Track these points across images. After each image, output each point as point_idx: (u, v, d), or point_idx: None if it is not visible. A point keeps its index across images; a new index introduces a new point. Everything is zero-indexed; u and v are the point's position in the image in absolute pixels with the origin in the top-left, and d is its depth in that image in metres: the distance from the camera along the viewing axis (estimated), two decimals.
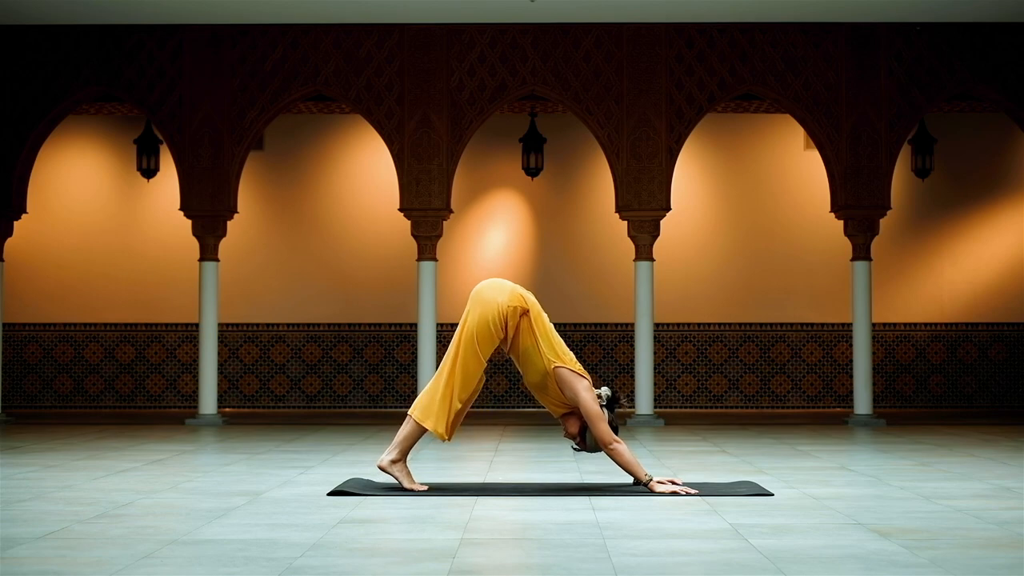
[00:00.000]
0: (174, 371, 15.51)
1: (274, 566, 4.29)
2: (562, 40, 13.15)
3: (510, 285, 6.55)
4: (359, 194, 15.60)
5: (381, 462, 6.55)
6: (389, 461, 6.53)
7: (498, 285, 6.55)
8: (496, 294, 6.48)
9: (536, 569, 4.30)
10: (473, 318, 6.46)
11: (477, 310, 6.46)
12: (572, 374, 6.49)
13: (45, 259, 15.58)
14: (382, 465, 6.54)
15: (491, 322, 6.42)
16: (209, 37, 13.22)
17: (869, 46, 13.10)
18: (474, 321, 6.45)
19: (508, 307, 6.44)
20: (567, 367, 6.49)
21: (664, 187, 13.07)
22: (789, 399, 15.44)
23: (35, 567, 4.28)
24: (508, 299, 6.46)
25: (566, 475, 7.56)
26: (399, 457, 6.54)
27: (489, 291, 6.51)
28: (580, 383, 6.47)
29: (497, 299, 6.45)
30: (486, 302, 6.46)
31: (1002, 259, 15.51)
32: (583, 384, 6.48)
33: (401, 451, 6.54)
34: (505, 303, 6.44)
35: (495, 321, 6.42)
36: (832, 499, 6.22)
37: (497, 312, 6.43)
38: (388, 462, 6.53)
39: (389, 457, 6.54)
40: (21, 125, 13.28)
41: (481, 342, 6.44)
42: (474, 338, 6.44)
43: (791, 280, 15.48)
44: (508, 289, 6.52)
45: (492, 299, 6.46)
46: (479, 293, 6.52)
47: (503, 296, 6.46)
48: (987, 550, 4.68)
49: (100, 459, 8.52)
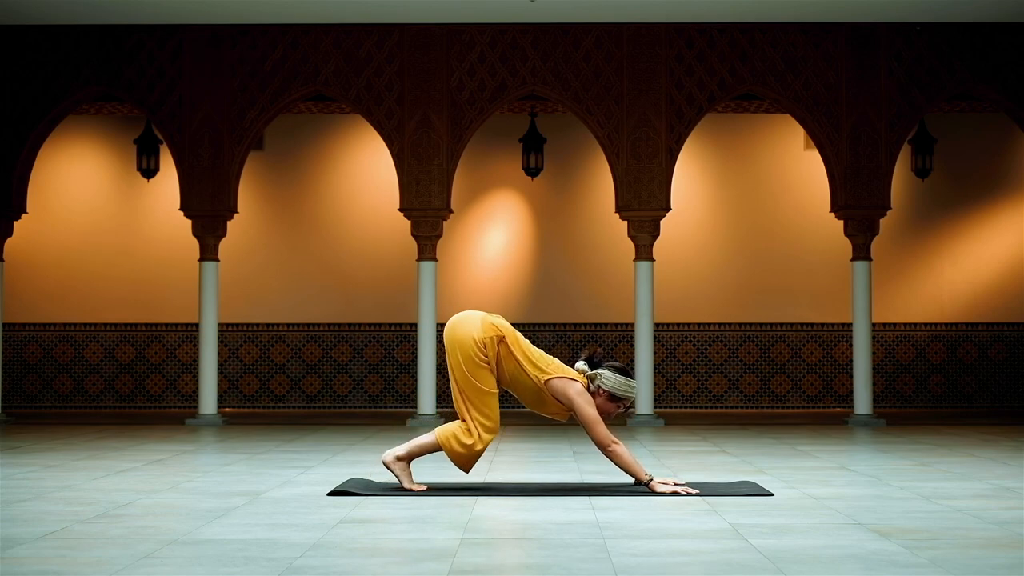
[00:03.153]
0: (174, 371, 15.51)
1: (274, 566, 4.29)
2: (562, 40, 13.15)
3: (480, 315, 6.54)
4: (359, 194, 15.60)
5: (386, 457, 6.56)
6: (394, 457, 6.54)
7: (469, 319, 6.52)
8: (469, 329, 6.46)
9: (536, 569, 4.30)
10: (457, 360, 6.44)
11: (457, 350, 6.45)
12: (563, 381, 6.47)
13: (45, 259, 15.58)
14: (386, 460, 6.55)
15: (475, 355, 6.41)
16: (209, 37, 13.22)
17: (869, 46, 13.11)
18: (460, 362, 6.43)
19: (484, 338, 6.43)
20: (556, 376, 6.48)
21: (664, 187, 13.07)
22: (789, 399, 15.44)
23: (35, 567, 4.28)
24: (482, 330, 6.45)
25: (566, 475, 7.56)
26: (405, 457, 6.55)
27: (462, 328, 6.48)
28: (572, 388, 6.45)
29: (471, 333, 6.44)
30: (462, 340, 6.45)
31: (1002, 259, 15.51)
32: (575, 389, 6.45)
33: (409, 453, 6.55)
34: (480, 335, 6.44)
35: (477, 353, 6.41)
36: (832, 499, 6.22)
37: (475, 345, 6.42)
38: (393, 458, 6.54)
39: (395, 454, 6.55)
40: (21, 125, 13.28)
41: (479, 378, 6.44)
42: (470, 378, 6.43)
43: (791, 280, 15.48)
44: (479, 320, 6.50)
45: (467, 334, 6.44)
46: (453, 332, 6.49)
47: (476, 329, 6.45)
48: (987, 550, 4.68)
49: (100, 459, 8.52)
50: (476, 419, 6.45)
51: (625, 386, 6.52)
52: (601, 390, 6.52)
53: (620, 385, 6.51)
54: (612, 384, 6.50)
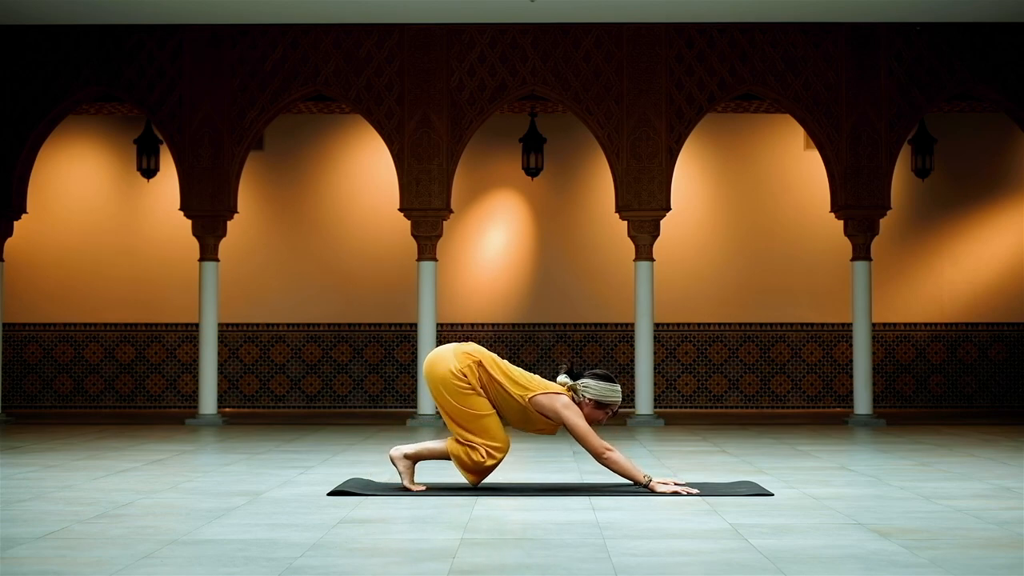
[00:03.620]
0: (174, 371, 15.51)
1: (274, 566, 4.29)
2: (562, 40, 13.15)
3: (451, 348, 6.55)
4: (359, 194, 15.60)
5: (394, 452, 6.58)
6: (402, 455, 6.56)
7: (441, 354, 6.53)
8: (445, 363, 6.47)
9: (536, 569, 4.30)
10: (444, 397, 6.44)
11: (440, 388, 6.45)
12: (548, 396, 6.46)
13: (45, 259, 15.58)
14: (394, 456, 6.56)
15: (458, 386, 6.41)
16: (209, 37, 13.22)
17: (869, 46, 13.11)
18: (448, 397, 6.43)
19: (461, 367, 6.44)
20: (539, 392, 6.47)
21: (664, 187, 13.07)
22: (789, 399, 15.44)
23: (35, 567, 4.28)
24: (457, 360, 6.46)
25: (566, 475, 7.56)
26: (413, 457, 6.56)
27: (438, 366, 6.48)
28: (558, 402, 6.44)
29: (448, 367, 6.45)
30: (442, 376, 6.45)
31: (1002, 259, 15.51)
32: (561, 402, 6.44)
33: (417, 454, 6.57)
34: (456, 365, 6.44)
35: (460, 384, 6.41)
36: (832, 499, 6.22)
37: (454, 376, 6.42)
38: (401, 455, 6.56)
39: (404, 451, 6.56)
40: (21, 125, 13.28)
41: (471, 405, 6.44)
42: (462, 408, 6.42)
43: (791, 280, 15.48)
44: (451, 352, 6.51)
45: (444, 369, 6.45)
46: (432, 373, 6.49)
47: (452, 362, 6.46)
48: (987, 550, 4.68)
49: (100, 459, 8.52)
50: (482, 444, 6.45)
51: (609, 391, 6.52)
52: (587, 399, 6.51)
53: (604, 391, 6.52)
54: (596, 391, 6.51)
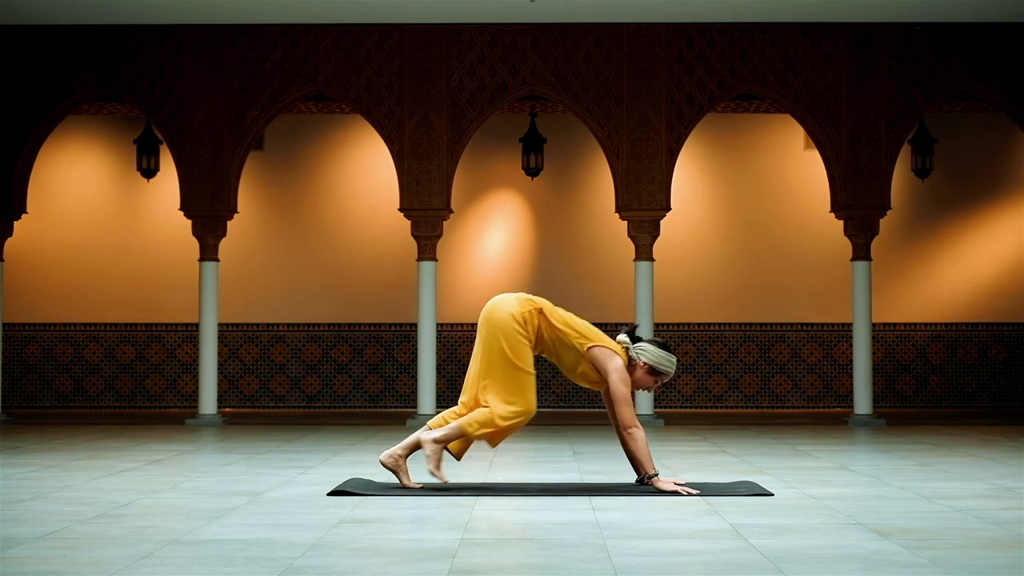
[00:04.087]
0: (174, 371, 15.51)
1: (274, 566, 4.29)
2: (562, 40, 13.15)
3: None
4: (359, 194, 15.60)
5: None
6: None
7: (504, 300, 6.53)
8: (507, 308, 6.47)
9: (536, 569, 4.30)
10: (499, 343, 6.41)
11: (497, 333, 6.42)
12: (604, 351, 6.46)
13: (45, 259, 15.58)
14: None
15: (517, 333, 6.40)
16: (209, 37, 13.22)
17: (869, 46, 13.11)
18: (502, 343, 6.40)
19: (523, 312, 6.44)
20: (598, 344, 6.47)
21: (664, 187, 13.07)
22: (789, 399, 15.44)
23: (35, 567, 4.28)
24: (519, 306, 6.47)
25: (566, 475, 7.57)
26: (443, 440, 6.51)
27: (499, 310, 6.48)
28: (611, 361, 6.44)
29: (510, 311, 6.45)
30: (502, 321, 6.43)
31: (1002, 259, 15.51)
32: (614, 363, 6.43)
33: (446, 437, 6.53)
34: (518, 311, 6.44)
35: (519, 331, 6.41)
36: (832, 499, 6.22)
37: (515, 322, 6.41)
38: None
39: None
40: (21, 125, 13.28)
41: (520, 356, 6.41)
42: (510, 357, 6.40)
43: (791, 280, 15.48)
44: (514, 298, 6.53)
45: (506, 313, 6.44)
46: (491, 316, 6.48)
47: (514, 307, 6.46)
48: (987, 550, 4.68)
49: (100, 459, 8.52)
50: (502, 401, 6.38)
51: (665, 360, 6.52)
52: (641, 362, 6.51)
53: (660, 359, 6.51)
54: (652, 357, 6.50)
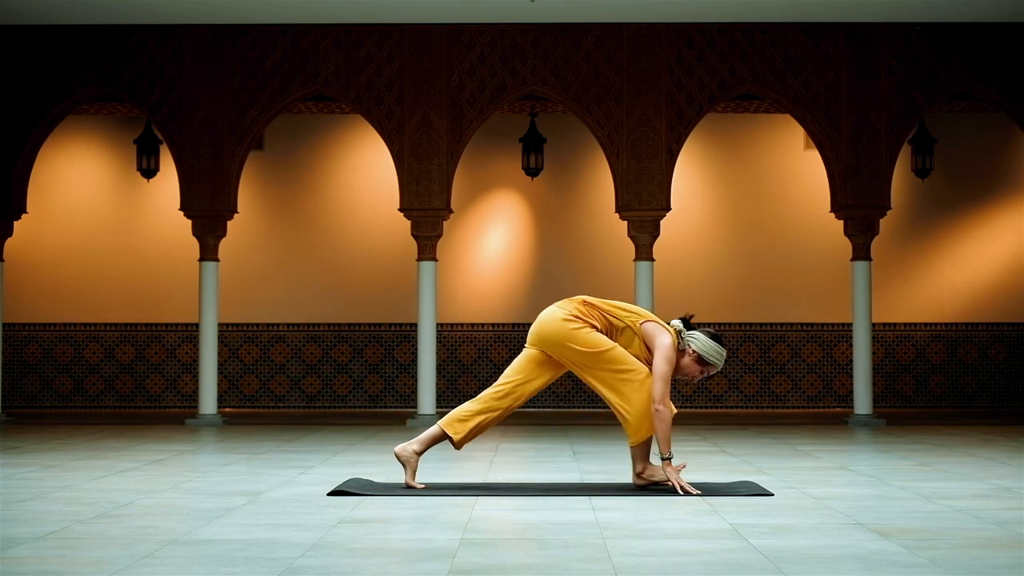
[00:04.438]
0: (174, 371, 15.51)
1: (274, 566, 4.29)
2: (562, 40, 13.15)
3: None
4: (359, 194, 15.60)
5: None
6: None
7: (546, 313, 6.53)
8: (553, 316, 6.46)
9: (536, 569, 4.30)
10: (573, 350, 6.39)
11: (562, 341, 6.40)
12: (655, 326, 6.46)
13: (45, 259, 15.58)
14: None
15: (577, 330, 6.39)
16: (209, 37, 13.22)
17: (869, 46, 13.11)
18: (576, 347, 6.38)
19: (570, 311, 6.45)
20: (649, 320, 6.48)
21: (664, 187, 13.07)
22: (789, 399, 15.44)
23: (35, 567, 4.28)
24: (561, 310, 6.47)
25: (566, 475, 7.56)
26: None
27: (548, 321, 6.46)
28: (662, 337, 6.40)
29: (558, 316, 6.45)
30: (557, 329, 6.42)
31: (1002, 259, 15.51)
32: (663, 340, 6.39)
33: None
34: (564, 313, 6.44)
35: (575, 324, 6.39)
36: (832, 499, 6.22)
37: (568, 321, 6.41)
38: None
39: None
40: (21, 125, 13.28)
41: (595, 343, 6.38)
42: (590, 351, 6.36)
43: (791, 280, 15.48)
44: (553, 306, 6.53)
45: (557, 320, 6.44)
46: (544, 330, 6.45)
47: (557, 312, 6.47)
48: (987, 550, 4.68)
49: (100, 459, 8.52)
50: (630, 381, 6.37)
51: (715, 352, 6.48)
52: (691, 349, 6.47)
53: (711, 350, 6.47)
54: (703, 346, 6.46)
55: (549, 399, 15.25)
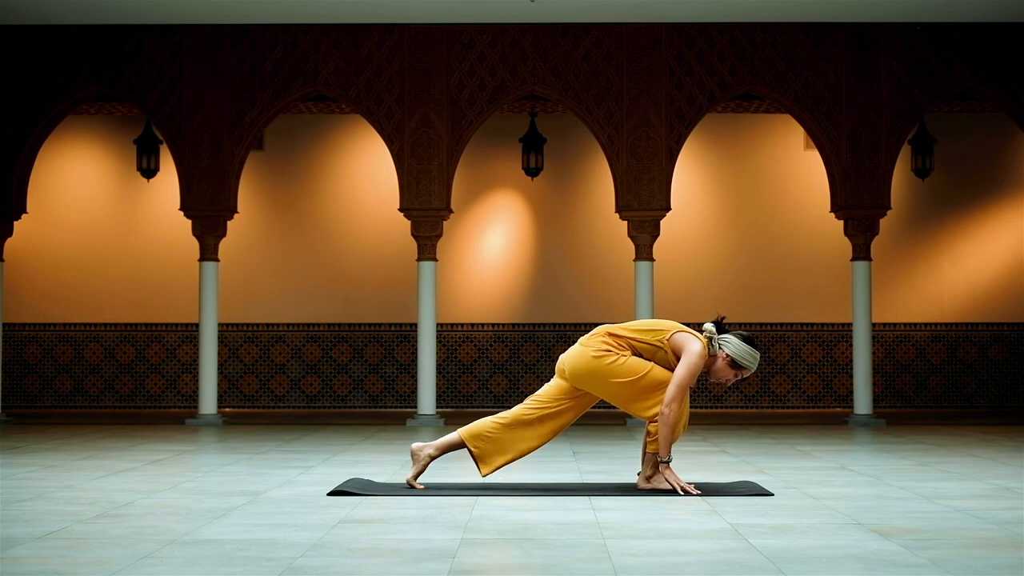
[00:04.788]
0: (174, 371, 15.51)
1: (274, 566, 4.29)
2: (562, 40, 13.15)
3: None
4: (359, 194, 15.60)
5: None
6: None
7: (573, 352, 6.49)
8: (582, 353, 6.43)
9: (536, 569, 4.30)
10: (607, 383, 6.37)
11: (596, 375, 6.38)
12: (687, 336, 6.41)
13: (45, 259, 15.58)
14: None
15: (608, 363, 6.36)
16: (209, 37, 13.22)
17: (869, 46, 13.11)
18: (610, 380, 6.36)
19: (597, 346, 6.41)
20: (677, 331, 6.42)
21: (664, 187, 13.07)
22: (789, 399, 15.44)
23: (35, 567, 4.28)
24: (588, 347, 6.44)
25: (566, 475, 7.56)
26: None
27: (577, 361, 6.43)
28: (691, 345, 6.35)
29: (587, 354, 6.42)
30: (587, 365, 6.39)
31: (1002, 259, 15.51)
32: (692, 347, 6.34)
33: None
34: (592, 351, 6.41)
35: (606, 357, 6.36)
36: (832, 499, 6.22)
37: (598, 358, 6.38)
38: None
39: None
40: (21, 125, 13.28)
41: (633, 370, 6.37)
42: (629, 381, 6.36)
43: (791, 280, 15.48)
44: (577, 346, 6.50)
45: (586, 358, 6.40)
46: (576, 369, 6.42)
47: (584, 349, 6.43)
48: (987, 550, 4.68)
49: (100, 459, 8.52)
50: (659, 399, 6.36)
51: (748, 355, 6.42)
52: (723, 353, 6.43)
53: (744, 353, 6.42)
54: (735, 349, 6.41)
55: None
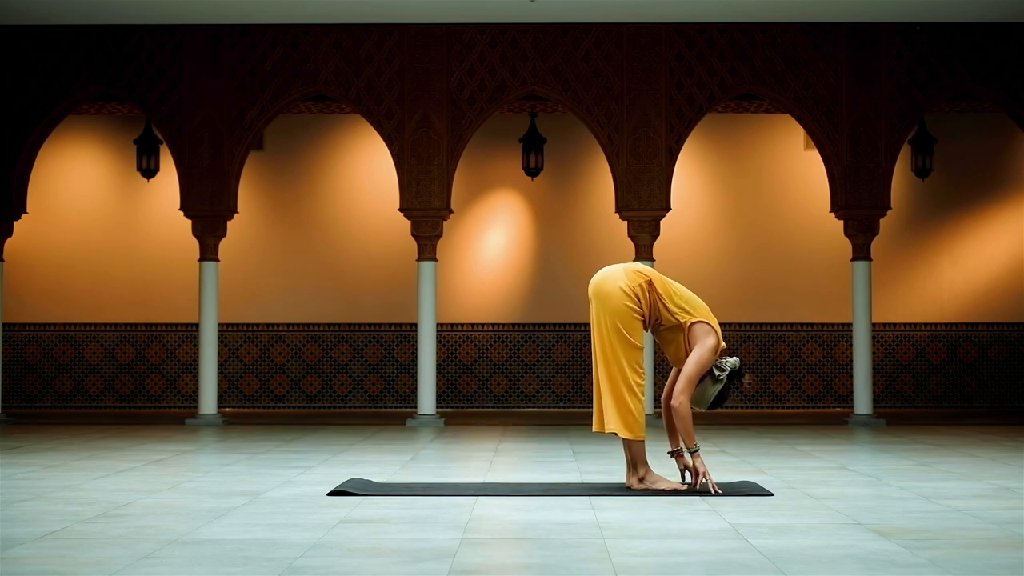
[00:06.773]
0: (174, 371, 15.51)
1: (274, 566, 4.29)
2: (562, 40, 13.15)
3: (622, 267, 6.54)
4: (359, 194, 15.60)
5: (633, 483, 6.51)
6: (638, 480, 6.51)
7: (612, 272, 6.50)
8: (615, 279, 6.45)
9: (536, 569, 4.30)
10: (608, 317, 6.39)
11: (606, 307, 6.39)
12: (704, 328, 6.43)
13: (45, 259, 15.58)
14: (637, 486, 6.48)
15: (627, 307, 6.38)
16: (209, 37, 13.22)
17: (869, 46, 13.11)
18: (611, 318, 6.38)
19: (632, 286, 6.41)
20: (700, 320, 6.44)
21: (664, 187, 13.07)
22: (789, 399, 15.44)
23: (35, 567, 4.28)
24: (627, 279, 6.45)
25: (566, 475, 7.56)
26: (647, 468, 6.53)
27: (607, 283, 6.45)
28: (708, 339, 6.40)
29: (619, 284, 6.43)
30: (610, 294, 6.41)
31: (1002, 259, 15.51)
32: (707, 342, 6.39)
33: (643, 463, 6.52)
34: (627, 284, 6.42)
35: (629, 306, 6.38)
36: (832, 499, 6.22)
37: (625, 296, 6.39)
38: (636, 480, 6.50)
39: (638, 475, 6.51)
40: (21, 125, 13.28)
41: (632, 330, 6.39)
42: (621, 331, 6.38)
43: (791, 280, 15.48)
44: (620, 269, 6.51)
45: (615, 287, 6.42)
46: (598, 289, 6.46)
47: (621, 279, 6.44)
48: (987, 550, 4.68)
49: (100, 459, 8.52)
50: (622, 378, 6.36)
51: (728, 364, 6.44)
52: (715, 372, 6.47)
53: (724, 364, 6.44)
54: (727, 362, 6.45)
55: (549, 399, 15.25)
